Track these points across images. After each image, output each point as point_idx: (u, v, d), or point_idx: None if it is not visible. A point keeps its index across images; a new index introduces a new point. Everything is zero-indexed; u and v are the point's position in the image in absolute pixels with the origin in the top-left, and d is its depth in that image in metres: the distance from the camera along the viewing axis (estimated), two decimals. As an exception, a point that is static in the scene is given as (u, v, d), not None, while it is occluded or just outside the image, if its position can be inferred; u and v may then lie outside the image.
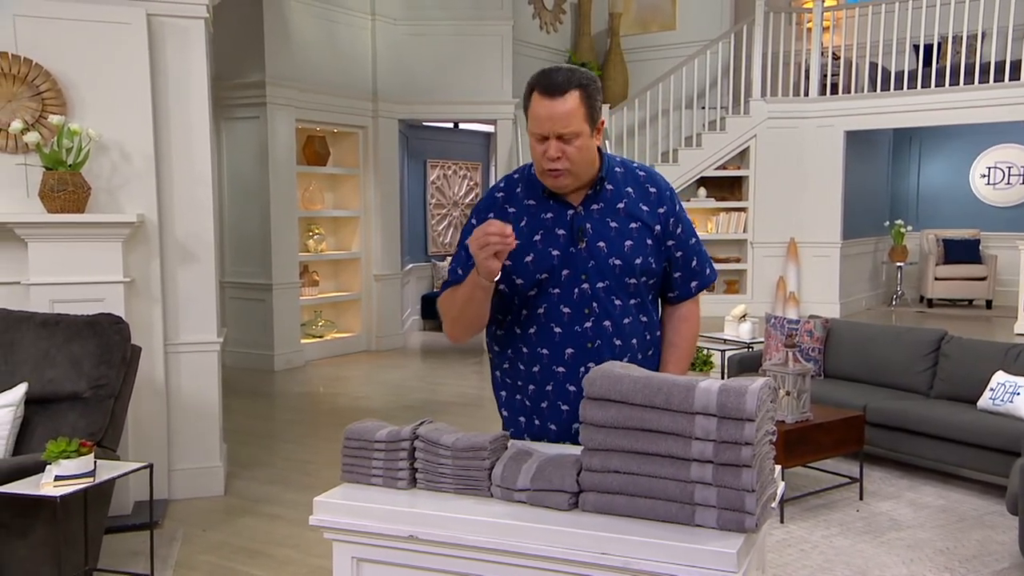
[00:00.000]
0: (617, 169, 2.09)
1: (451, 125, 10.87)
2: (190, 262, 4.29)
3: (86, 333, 3.34)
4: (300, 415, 6.39)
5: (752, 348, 6.08)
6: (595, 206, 2.03)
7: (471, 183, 11.59)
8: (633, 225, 2.04)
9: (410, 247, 10.18)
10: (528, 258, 2.01)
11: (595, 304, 2.01)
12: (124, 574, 3.40)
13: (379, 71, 8.71)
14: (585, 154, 1.96)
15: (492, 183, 11.13)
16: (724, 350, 6.02)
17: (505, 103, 8.90)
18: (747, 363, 5.69)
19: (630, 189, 2.08)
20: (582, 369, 2.00)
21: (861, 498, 4.36)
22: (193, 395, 4.33)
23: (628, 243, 2.02)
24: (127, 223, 3.91)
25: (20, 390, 3.20)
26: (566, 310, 2.01)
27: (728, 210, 9.71)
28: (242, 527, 4.00)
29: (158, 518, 3.95)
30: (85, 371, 3.29)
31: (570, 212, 2.03)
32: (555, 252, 2.01)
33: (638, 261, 2.03)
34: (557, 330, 2.02)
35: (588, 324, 2.01)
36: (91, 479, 2.84)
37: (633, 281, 2.04)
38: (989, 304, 10.60)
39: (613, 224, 2.03)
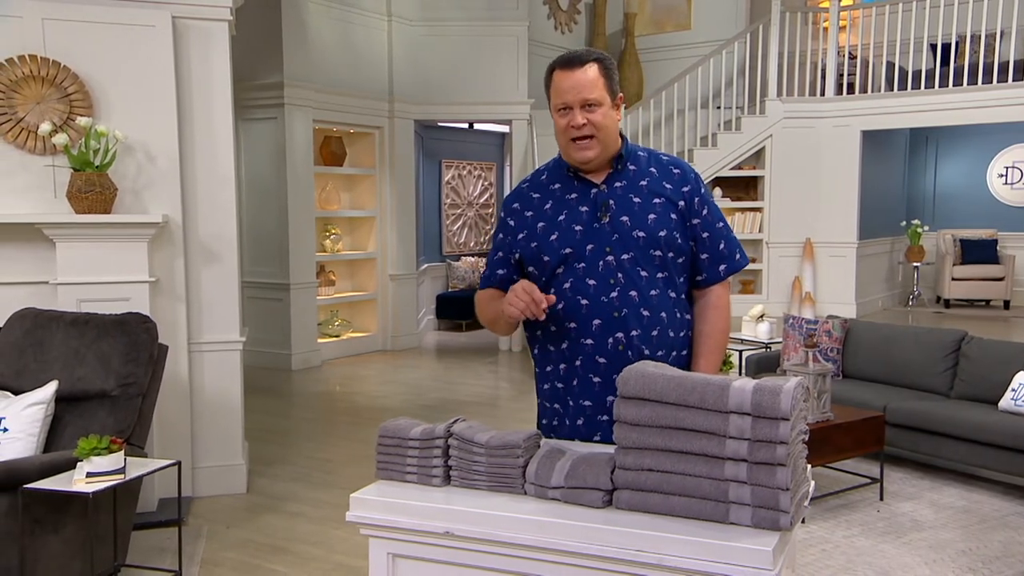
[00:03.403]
0: (640, 153, 2.18)
1: (466, 125, 10.89)
2: (213, 262, 4.34)
3: (115, 332, 3.39)
4: (319, 414, 6.44)
5: (770, 348, 6.08)
6: (618, 183, 2.11)
7: (486, 183, 11.62)
8: (656, 200, 2.10)
9: (425, 247, 10.22)
10: (553, 236, 2.09)
11: (620, 275, 2.05)
12: (152, 570, 3.44)
13: (395, 72, 8.74)
14: (609, 123, 2.05)
15: (507, 183, 11.22)
16: (742, 350, 6.02)
17: (520, 103, 8.92)
18: (765, 363, 5.69)
19: (653, 170, 2.15)
20: (610, 340, 2.05)
21: (882, 498, 4.35)
22: (216, 394, 4.37)
23: (651, 216, 2.08)
24: (153, 223, 3.96)
25: (51, 388, 3.24)
26: (592, 282, 2.06)
27: (744, 210, 9.70)
28: (265, 524, 4.04)
29: (183, 515, 3.99)
30: (114, 369, 3.33)
31: (593, 190, 2.10)
32: (578, 228, 2.08)
33: (662, 233, 2.07)
34: (584, 302, 2.06)
35: (614, 294, 2.05)
36: (122, 476, 2.88)
37: (658, 253, 2.07)
38: (1007, 304, 10.54)
39: (636, 199, 2.09)
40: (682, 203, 2.11)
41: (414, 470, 1.83)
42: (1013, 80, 8.43)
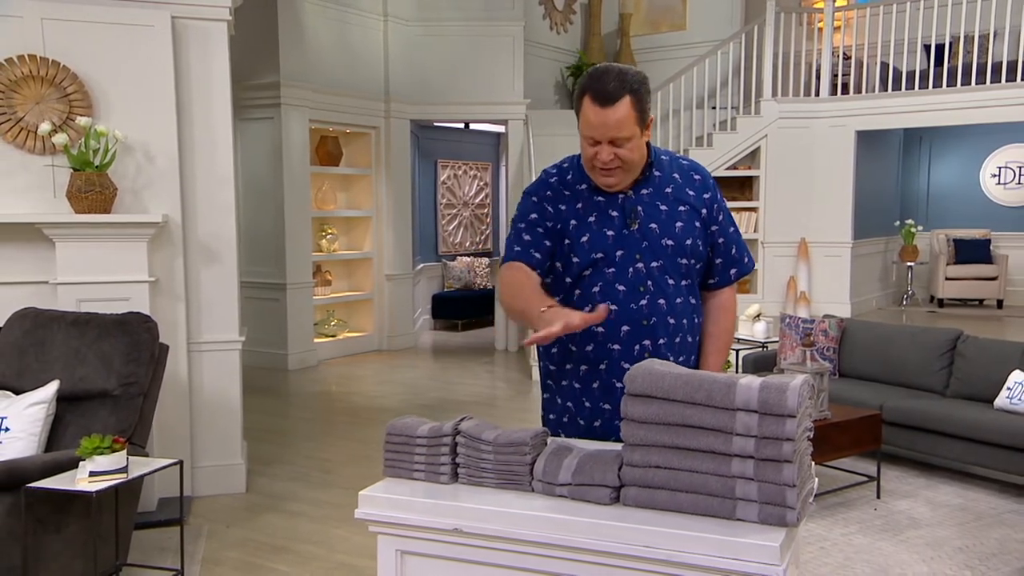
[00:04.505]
0: (663, 157, 2.17)
1: (461, 125, 10.90)
2: (212, 262, 4.34)
3: (116, 332, 3.39)
4: (316, 413, 6.44)
5: (766, 348, 6.10)
6: (645, 191, 2.10)
7: (481, 183, 11.63)
8: (682, 208, 2.11)
9: (421, 247, 10.23)
10: (584, 238, 2.08)
11: (650, 282, 2.06)
12: (153, 568, 3.45)
13: (391, 72, 8.75)
14: (636, 154, 2.04)
15: (503, 184, 11.23)
16: (739, 349, 6.04)
17: (516, 103, 8.94)
18: (762, 362, 5.72)
19: (676, 175, 2.15)
20: (637, 347, 2.06)
21: (878, 496, 4.38)
22: (215, 393, 4.37)
23: (679, 224, 2.09)
24: (152, 223, 3.96)
25: (52, 387, 3.24)
26: (621, 288, 2.06)
27: (739, 210, 9.71)
28: (265, 524, 4.04)
29: (183, 514, 3.99)
30: (115, 369, 3.33)
31: (621, 196, 2.10)
32: (610, 233, 2.07)
33: (688, 242, 2.09)
34: (613, 307, 2.05)
35: (643, 301, 2.06)
36: (124, 475, 2.88)
37: (684, 261, 2.09)
38: (1000, 304, 10.60)
39: (663, 207, 2.10)
40: (704, 210, 2.13)
41: (422, 467, 1.84)
42: (1006, 80, 8.47)
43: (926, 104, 8.90)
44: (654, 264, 2.06)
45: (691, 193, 2.13)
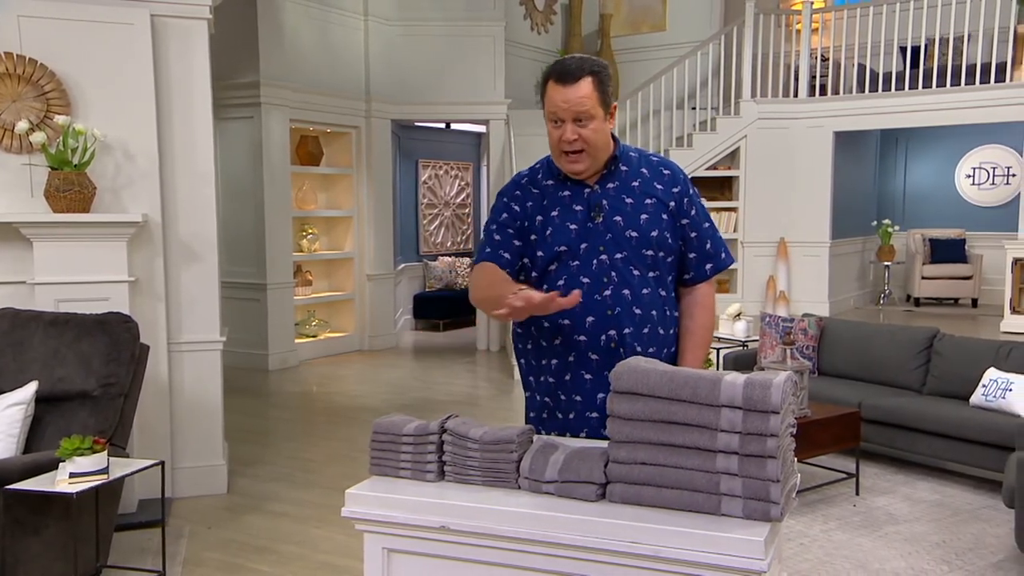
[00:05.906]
0: (632, 154, 2.21)
1: (442, 125, 10.89)
2: (193, 261, 4.31)
3: (95, 332, 3.36)
4: (298, 414, 6.41)
5: (747, 346, 6.15)
6: (610, 185, 2.14)
7: (462, 183, 11.62)
8: (648, 201, 2.14)
9: (402, 247, 10.20)
10: (548, 232, 2.12)
11: (614, 274, 2.09)
12: (135, 570, 3.42)
13: (372, 71, 8.72)
14: (600, 136, 2.08)
15: (484, 183, 11.24)
16: (719, 348, 6.09)
17: (497, 103, 8.94)
18: (742, 361, 5.75)
19: (644, 170, 2.19)
20: (603, 337, 2.08)
21: (857, 493, 4.43)
22: (196, 394, 4.34)
23: (644, 216, 2.12)
24: (132, 223, 3.93)
25: (30, 388, 3.21)
26: (585, 280, 2.09)
27: (719, 210, 9.78)
28: (247, 524, 4.02)
29: (165, 516, 3.96)
30: (95, 369, 3.31)
31: (587, 191, 2.14)
32: (573, 226, 2.11)
33: (654, 233, 2.12)
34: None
35: (607, 292, 2.09)
36: (105, 476, 2.86)
37: (650, 253, 2.12)
38: (975, 303, 10.74)
39: (628, 200, 2.13)
40: (672, 203, 2.16)
41: (408, 466, 1.84)
42: (981, 83, 8.60)
43: (902, 105, 9.01)
44: (618, 256, 2.09)
45: (659, 187, 2.16)
